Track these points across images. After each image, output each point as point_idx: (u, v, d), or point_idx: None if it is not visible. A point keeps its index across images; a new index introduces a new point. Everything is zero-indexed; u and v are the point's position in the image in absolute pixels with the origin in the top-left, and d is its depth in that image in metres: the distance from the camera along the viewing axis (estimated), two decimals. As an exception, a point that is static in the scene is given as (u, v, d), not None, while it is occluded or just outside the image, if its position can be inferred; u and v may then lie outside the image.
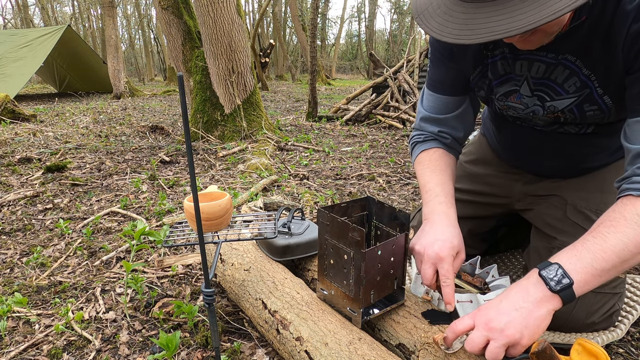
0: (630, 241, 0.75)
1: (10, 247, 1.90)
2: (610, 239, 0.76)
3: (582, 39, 0.88)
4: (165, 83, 17.49)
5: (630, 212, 0.77)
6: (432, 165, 1.15)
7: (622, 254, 0.75)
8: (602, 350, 0.76)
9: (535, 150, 1.20)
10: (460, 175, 1.42)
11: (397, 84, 5.91)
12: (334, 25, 45.15)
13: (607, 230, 0.77)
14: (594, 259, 0.75)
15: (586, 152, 1.14)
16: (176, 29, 4.36)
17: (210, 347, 1.18)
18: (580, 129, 1.06)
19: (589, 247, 0.77)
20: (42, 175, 3.04)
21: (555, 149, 1.15)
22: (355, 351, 0.89)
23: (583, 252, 0.77)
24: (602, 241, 0.76)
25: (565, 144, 1.12)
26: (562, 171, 1.22)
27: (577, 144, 1.11)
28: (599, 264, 0.75)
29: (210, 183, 2.91)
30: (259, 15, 13.57)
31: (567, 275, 0.75)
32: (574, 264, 0.76)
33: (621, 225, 0.76)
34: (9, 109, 5.68)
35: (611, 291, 1.11)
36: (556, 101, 0.98)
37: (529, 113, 1.06)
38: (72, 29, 9.88)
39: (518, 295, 0.78)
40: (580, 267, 0.76)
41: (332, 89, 14.46)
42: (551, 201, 1.23)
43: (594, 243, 0.77)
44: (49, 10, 24.38)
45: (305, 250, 1.31)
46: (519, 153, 1.27)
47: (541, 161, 1.22)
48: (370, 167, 3.38)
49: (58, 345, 1.22)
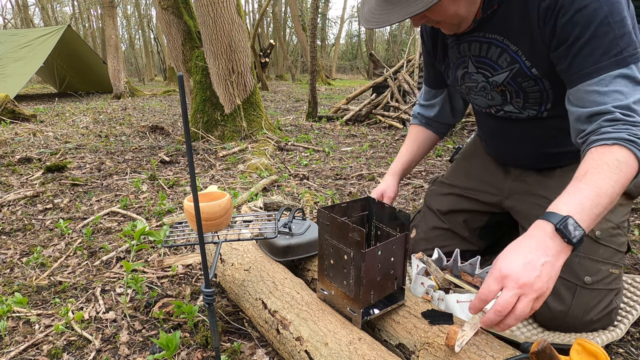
0: (617, 184, 0.83)
1: (10, 247, 1.90)
2: (602, 185, 0.83)
3: (504, 19, 1.03)
4: (165, 83, 17.48)
5: (611, 159, 0.85)
6: (407, 139, 1.53)
7: (612, 197, 0.83)
8: (602, 350, 0.76)
9: (509, 138, 1.30)
10: (456, 171, 1.55)
11: (397, 84, 5.91)
12: (334, 25, 45.21)
13: (596, 177, 0.83)
14: (592, 206, 0.82)
15: (554, 135, 1.19)
16: (176, 29, 4.36)
17: (210, 347, 1.18)
18: (538, 111, 1.15)
19: (587, 194, 0.83)
20: (42, 175, 3.04)
21: (524, 134, 1.24)
22: (355, 351, 0.89)
23: (584, 200, 0.82)
24: (596, 188, 0.83)
25: (533, 129, 1.21)
26: (540, 160, 1.28)
27: (543, 128, 1.19)
28: (597, 210, 0.82)
29: (210, 183, 2.91)
30: (259, 15, 13.57)
31: (579, 226, 0.80)
32: (580, 214, 0.81)
33: (605, 171, 0.84)
34: (9, 109, 5.68)
35: (605, 287, 1.12)
36: (495, 76, 1.12)
37: (482, 90, 1.19)
38: (72, 29, 9.88)
39: (540, 250, 0.81)
40: (585, 215, 0.81)
41: (332, 89, 14.46)
42: (537, 201, 1.26)
43: (589, 191, 0.83)
44: (49, 10, 24.38)
45: (307, 250, 1.31)
46: (498, 145, 1.38)
47: (516, 149, 1.30)
48: (370, 167, 3.38)
49: (58, 345, 1.22)
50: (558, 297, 1.14)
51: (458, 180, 1.51)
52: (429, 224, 1.51)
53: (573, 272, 1.14)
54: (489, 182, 1.43)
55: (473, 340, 0.89)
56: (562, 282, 1.14)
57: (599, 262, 1.13)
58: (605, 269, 1.13)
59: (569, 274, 1.14)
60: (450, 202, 1.49)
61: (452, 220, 1.47)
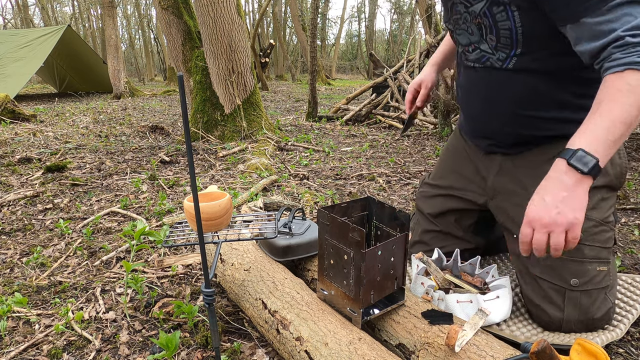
0: (632, 107, 0.86)
1: (10, 247, 1.90)
2: (615, 112, 0.86)
3: None
4: (165, 83, 17.48)
5: (622, 84, 0.87)
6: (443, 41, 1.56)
7: (628, 121, 0.86)
8: (602, 350, 0.76)
9: (484, 96, 1.26)
10: (440, 169, 1.53)
11: (397, 84, 5.91)
12: (334, 25, 45.15)
13: (609, 106, 0.87)
14: (607, 133, 0.87)
15: (527, 96, 1.16)
16: (176, 29, 4.35)
17: (210, 347, 1.18)
18: (508, 55, 1.13)
19: (600, 124, 0.87)
20: (42, 175, 3.04)
21: (498, 90, 1.21)
22: (355, 351, 0.89)
23: (596, 130, 0.88)
24: (609, 116, 0.87)
25: (506, 86, 1.18)
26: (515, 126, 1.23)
27: (515, 85, 1.17)
28: (613, 136, 0.87)
29: (210, 183, 2.91)
30: (259, 15, 13.57)
31: (592, 155, 0.87)
32: (594, 144, 0.87)
33: (619, 97, 0.86)
34: (9, 109, 5.68)
35: (595, 287, 1.12)
36: (474, 6, 1.13)
37: (464, 23, 1.20)
38: (72, 29, 9.87)
39: (557, 188, 0.90)
40: (599, 144, 0.87)
41: (332, 89, 14.46)
42: (517, 201, 1.23)
43: (602, 120, 0.87)
44: (49, 10, 24.38)
45: (307, 250, 1.31)
46: (474, 108, 1.33)
47: (490, 110, 1.26)
48: (370, 167, 3.38)
49: (58, 345, 1.22)
50: (550, 301, 1.14)
51: (442, 180, 1.49)
52: (422, 228, 1.51)
53: (559, 276, 1.13)
54: (474, 180, 1.40)
55: (473, 340, 0.89)
56: (551, 286, 1.14)
57: (583, 262, 1.12)
58: (592, 268, 1.12)
59: (556, 278, 1.14)
60: (439, 204, 1.47)
61: (444, 222, 1.46)
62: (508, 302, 1.16)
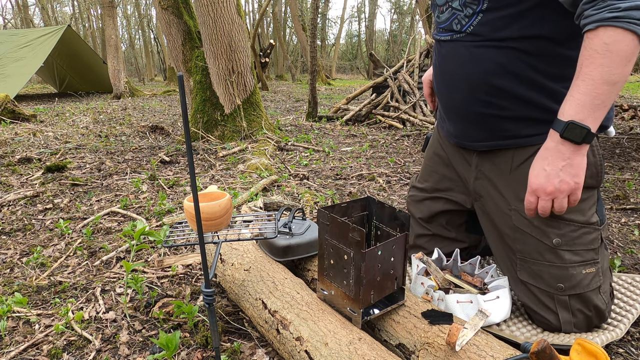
0: (611, 67, 0.87)
1: (10, 247, 1.90)
2: (595, 74, 0.88)
3: None
4: (165, 83, 17.47)
5: (599, 44, 0.87)
6: None
7: (610, 80, 0.87)
8: (602, 350, 0.76)
9: (457, 70, 1.19)
10: (425, 171, 1.51)
11: (397, 84, 5.91)
12: (334, 25, 45.15)
13: (589, 68, 0.89)
14: (592, 97, 0.89)
15: (490, 69, 1.11)
16: (176, 29, 4.36)
17: (210, 347, 1.18)
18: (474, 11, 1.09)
19: (583, 90, 0.90)
20: (42, 175, 3.04)
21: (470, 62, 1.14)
22: (355, 351, 0.89)
23: (582, 98, 0.90)
24: (590, 79, 0.88)
25: (477, 57, 1.12)
26: (486, 102, 1.16)
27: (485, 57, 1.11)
28: (599, 98, 0.89)
29: (210, 183, 2.91)
30: (259, 15, 13.57)
31: (582, 125, 0.90)
32: (583, 113, 0.90)
33: (597, 58, 0.87)
34: (9, 109, 5.68)
35: (585, 290, 1.11)
36: None
37: None
38: (72, 29, 9.87)
39: (555, 158, 0.95)
40: (587, 111, 0.90)
41: (332, 89, 14.46)
42: (498, 204, 1.23)
43: (585, 86, 0.89)
44: (49, 10, 24.38)
45: (307, 250, 1.31)
46: (448, 84, 1.25)
47: (463, 84, 1.19)
48: (370, 167, 3.38)
49: (58, 345, 1.22)
50: (543, 305, 1.14)
51: (428, 182, 1.48)
52: (415, 232, 1.51)
53: (545, 281, 1.13)
54: (457, 181, 1.39)
55: (473, 340, 0.89)
56: (540, 291, 1.14)
57: (567, 267, 1.10)
58: (577, 272, 1.10)
59: (542, 284, 1.13)
60: (427, 208, 1.47)
61: (435, 226, 1.46)
62: (508, 303, 1.16)
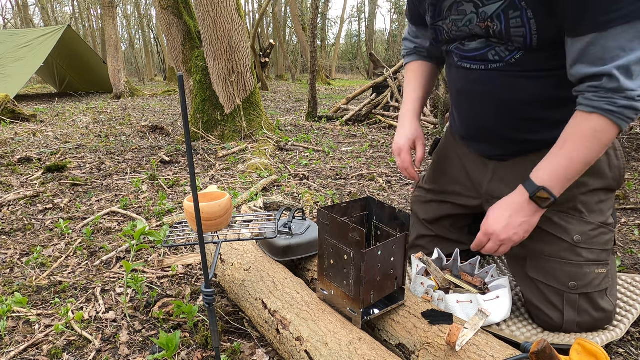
0: (593, 152, 0.96)
1: (10, 247, 1.90)
2: (577, 154, 0.97)
3: None
4: (165, 83, 17.47)
5: (587, 128, 0.95)
6: (412, 76, 1.44)
7: (587, 161, 0.98)
8: (602, 350, 0.76)
9: (481, 102, 1.20)
10: (434, 172, 1.50)
11: (397, 84, 5.91)
12: (334, 25, 45.14)
13: (573, 147, 0.97)
14: (567, 172, 0.99)
15: (529, 99, 1.11)
16: (176, 29, 4.35)
17: (210, 347, 1.18)
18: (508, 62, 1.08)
19: (562, 163, 0.99)
20: (42, 175, 3.04)
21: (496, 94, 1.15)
22: (355, 351, 0.89)
23: (559, 170, 0.99)
24: (569, 157, 0.98)
25: (506, 86, 1.12)
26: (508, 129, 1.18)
27: (518, 86, 1.11)
28: (572, 174, 0.99)
29: (210, 183, 2.91)
30: (259, 15, 13.57)
31: (551, 194, 1.01)
32: (554, 182, 1.00)
33: (581, 140, 0.96)
34: (9, 109, 5.68)
35: (595, 289, 1.12)
36: (487, 6, 1.05)
37: (466, 23, 1.11)
38: (72, 29, 9.88)
39: (519, 213, 1.05)
40: (559, 182, 1.00)
41: (332, 89, 14.46)
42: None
43: (565, 160, 0.98)
44: (49, 10, 24.38)
45: (307, 250, 1.31)
46: (470, 112, 1.26)
47: (494, 118, 1.20)
48: (370, 167, 3.38)
49: (58, 345, 1.22)
50: (550, 303, 1.14)
51: (436, 185, 1.46)
52: (417, 232, 1.51)
53: (557, 279, 1.13)
54: (466, 185, 1.37)
55: (473, 340, 0.89)
56: (549, 289, 1.14)
57: (582, 266, 1.12)
58: (590, 271, 1.12)
59: (554, 281, 1.13)
60: (433, 210, 1.46)
61: (439, 228, 1.46)
62: (508, 303, 1.16)
